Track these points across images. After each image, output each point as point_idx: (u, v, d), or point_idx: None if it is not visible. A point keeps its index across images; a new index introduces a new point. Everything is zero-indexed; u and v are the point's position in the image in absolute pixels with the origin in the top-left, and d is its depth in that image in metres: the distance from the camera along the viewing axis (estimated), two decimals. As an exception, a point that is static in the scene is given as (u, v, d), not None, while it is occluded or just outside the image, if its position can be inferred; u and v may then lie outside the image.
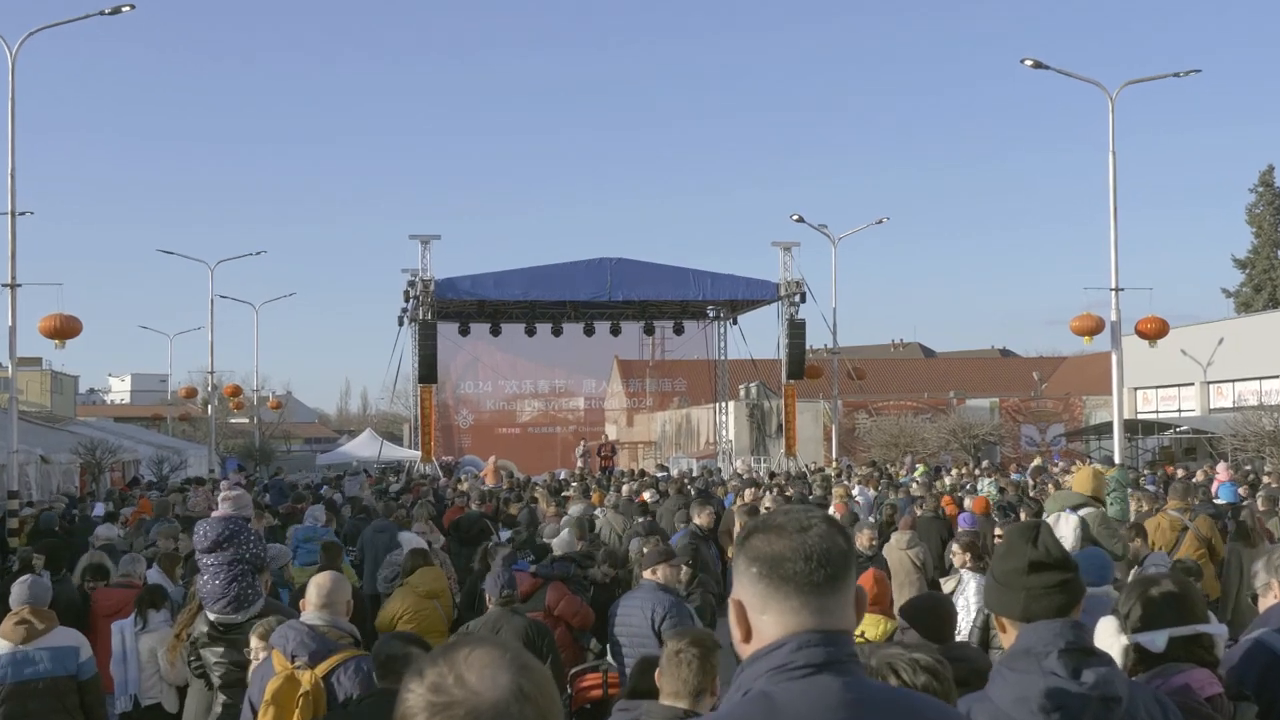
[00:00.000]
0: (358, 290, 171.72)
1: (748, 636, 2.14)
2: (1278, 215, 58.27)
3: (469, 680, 1.67)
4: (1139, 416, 42.22)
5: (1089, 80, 24.76)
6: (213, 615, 7.27)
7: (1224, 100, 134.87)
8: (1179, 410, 44.33)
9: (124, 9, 22.24)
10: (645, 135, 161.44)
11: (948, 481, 22.44)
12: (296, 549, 11.78)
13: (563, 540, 10.47)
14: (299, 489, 23.01)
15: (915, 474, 25.63)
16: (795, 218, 36.48)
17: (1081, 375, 54.62)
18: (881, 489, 21.20)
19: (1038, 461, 29.79)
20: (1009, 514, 13.82)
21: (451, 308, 36.75)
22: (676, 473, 29.56)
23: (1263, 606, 4.51)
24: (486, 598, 7.50)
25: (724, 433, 41.87)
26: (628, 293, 34.67)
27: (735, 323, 41.60)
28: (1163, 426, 39.98)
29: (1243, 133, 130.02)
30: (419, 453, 35.74)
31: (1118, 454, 23.88)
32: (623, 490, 19.36)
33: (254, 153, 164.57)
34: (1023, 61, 24.46)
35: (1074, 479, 10.60)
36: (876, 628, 7.28)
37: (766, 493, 17.22)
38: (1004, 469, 28.59)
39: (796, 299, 34.82)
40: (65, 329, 21.75)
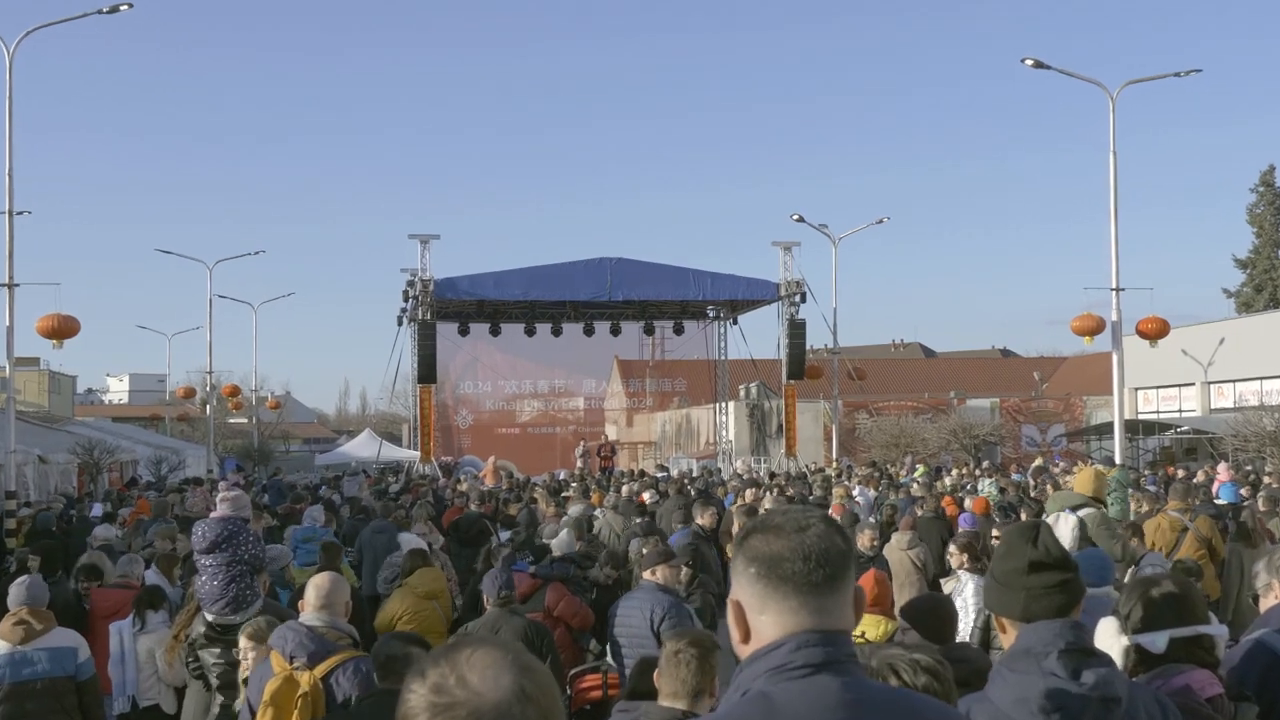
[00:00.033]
0: (357, 290, 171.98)
1: (746, 637, 2.14)
2: (1278, 215, 58.25)
3: (471, 681, 1.67)
4: (1140, 417, 42.19)
5: (1090, 80, 24.77)
6: (210, 616, 7.27)
7: (1225, 100, 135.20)
8: (1180, 410, 44.29)
9: (122, 8, 22.19)
10: (645, 135, 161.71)
11: (948, 482, 22.39)
12: (295, 549, 11.75)
13: (562, 541, 10.44)
14: (297, 489, 22.97)
15: (916, 474, 25.60)
16: (795, 217, 36.49)
17: (1082, 375, 54.60)
18: (882, 489, 21.16)
19: (1039, 462, 29.75)
20: (1010, 514, 13.79)
21: (451, 308, 36.72)
22: (676, 473, 29.53)
23: (1263, 607, 4.50)
24: (484, 599, 7.48)
25: (724, 433, 41.83)
26: (628, 293, 34.62)
27: (735, 323, 41.57)
28: (1163, 427, 39.96)
29: (1243, 132, 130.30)
30: (418, 453, 35.70)
31: (1118, 454, 23.87)
32: (622, 491, 19.30)
33: (253, 152, 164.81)
34: (1023, 61, 24.46)
35: (1075, 480, 10.60)
36: (877, 628, 7.26)
37: (767, 493, 17.18)
38: (1004, 469, 28.55)
39: (797, 299, 34.77)
40: (63, 329, 21.72)
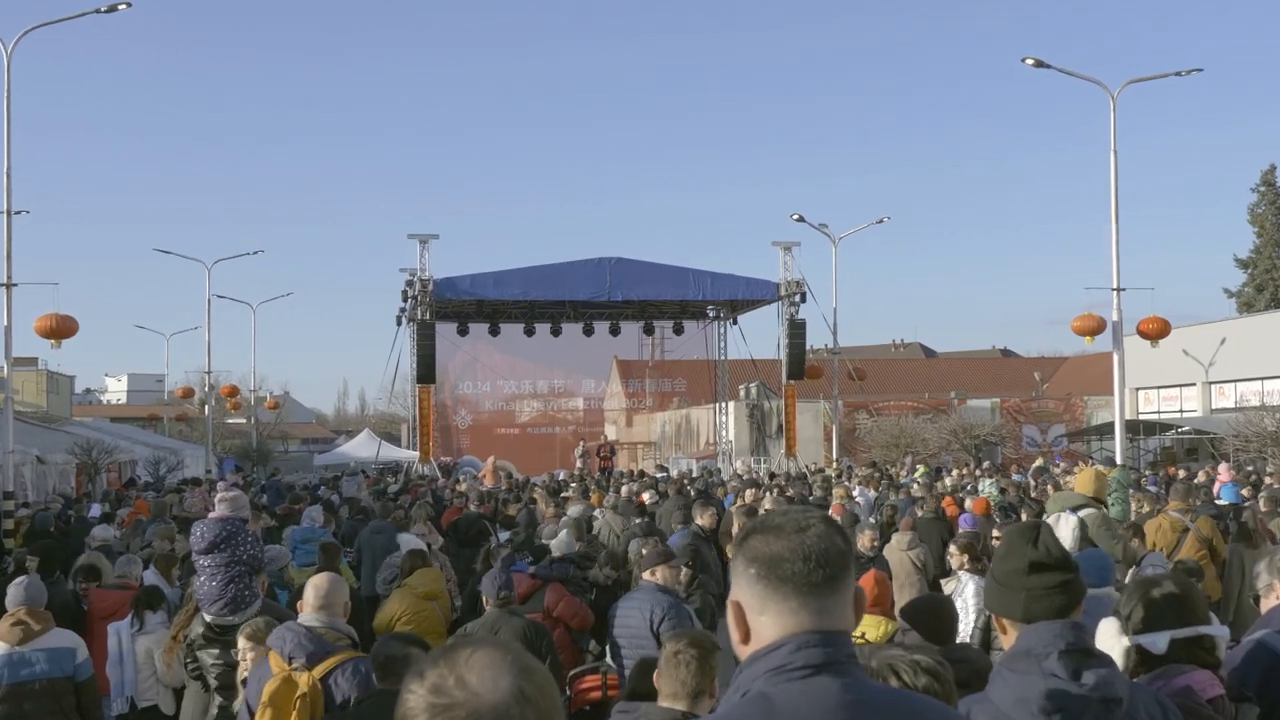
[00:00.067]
0: (356, 290, 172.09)
1: (746, 638, 2.13)
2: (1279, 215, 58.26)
3: (470, 682, 1.66)
4: (1140, 417, 42.18)
5: (1090, 79, 24.77)
6: (209, 617, 7.26)
7: (1226, 99, 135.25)
8: (1181, 411, 44.28)
9: (120, 7, 22.13)
10: (645, 134, 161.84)
11: (948, 482, 22.36)
12: (294, 550, 11.73)
13: (561, 541, 10.42)
14: (296, 490, 22.93)
15: (916, 475, 25.58)
16: (795, 217, 36.47)
17: (1083, 375, 54.59)
18: (882, 490, 21.14)
19: (1039, 462, 29.74)
20: (1010, 515, 13.78)
21: (450, 307, 36.73)
22: (676, 473, 29.53)
23: (1265, 608, 4.49)
24: (483, 599, 7.47)
25: (724, 433, 41.82)
26: (627, 292, 34.63)
27: (735, 323, 41.58)
28: (1164, 427, 39.95)
29: (1244, 132, 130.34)
30: (417, 453, 35.72)
31: (1119, 454, 23.86)
32: (622, 491, 19.28)
33: (251, 152, 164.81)
34: (1024, 60, 24.49)
35: (1076, 480, 10.58)
36: (877, 629, 7.25)
37: (766, 494, 17.16)
38: (1005, 470, 28.55)
39: (797, 299, 34.77)
40: (61, 329, 21.70)
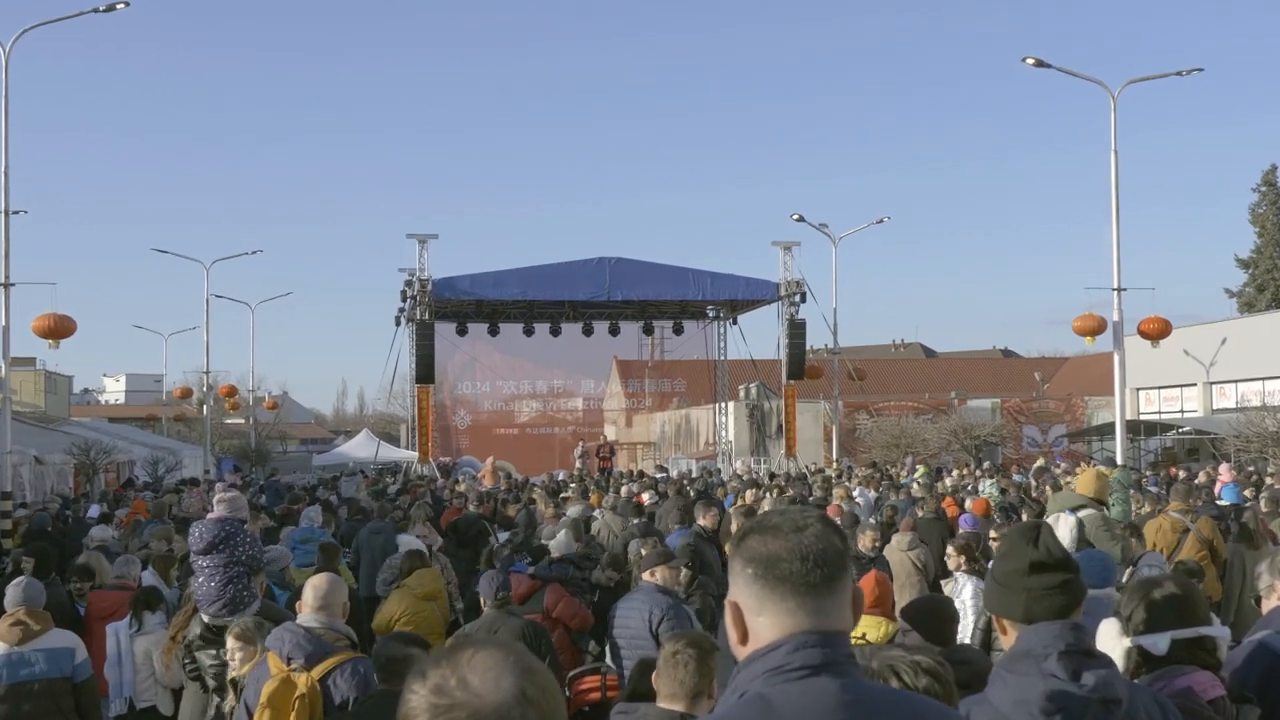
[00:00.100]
0: (354, 290, 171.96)
1: (744, 638, 2.12)
2: (1280, 214, 58.26)
3: (472, 683, 1.66)
4: (1141, 417, 42.14)
5: (1091, 79, 24.76)
6: (207, 617, 7.26)
7: (1226, 99, 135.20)
8: (1182, 411, 44.25)
9: (118, 6, 22.09)
10: (645, 134, 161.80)
11: (949, 483, 22.36)
12: (293, 550, 11.71)
13: (560, 542, 10.41)
14: (295, 490, 22.91)
15: (916, 475, 25.56)
16: (795, 217, 36.44)
17: (1083, 375, 54.57)
18: (882, 490, 21.13)
19: (1040, 462, 29.73)
20: (1011, 515, 13.77)
21: (449, 307, 36.72)
22: (676, 474, 29.52)
23: (1266, 608, 4.48)
24: (482, 600, 7.46)
25: (724, 433, 41.81)
26: (627, 292, 34.61)
27: (735, 323, 41.55)
28: (1165, 427, 39.91)
29: (1245, 132, 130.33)
30: (416, 454, 35.72)
31: (1120, 455, 23.83)
32: (621, 491, 19.30)
33: (251, 152, 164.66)
34: (1024, 60, 24.46)
35: (1077, 481, 10.56)
36: (878, 630, 7.23)
37: (766, 494, 17.15)
38: (1005, 470, 28.54)
39: (797, 299, 34.75)
40: (59, 329, 21.68)
